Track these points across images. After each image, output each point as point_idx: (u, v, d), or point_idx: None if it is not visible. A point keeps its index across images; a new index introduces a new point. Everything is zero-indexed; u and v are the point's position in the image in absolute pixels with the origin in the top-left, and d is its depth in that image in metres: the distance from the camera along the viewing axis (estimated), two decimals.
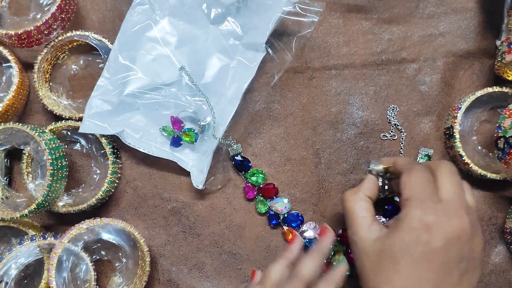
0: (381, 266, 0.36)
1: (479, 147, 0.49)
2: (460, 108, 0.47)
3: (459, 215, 0.35)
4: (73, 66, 0.53)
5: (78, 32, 0.50)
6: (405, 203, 0.37)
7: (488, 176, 0.45)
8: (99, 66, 0.52)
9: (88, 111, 0.47)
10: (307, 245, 0.47)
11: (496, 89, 0.46)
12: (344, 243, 0.47)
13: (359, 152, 0.49)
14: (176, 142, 0.48)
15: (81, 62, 0.53)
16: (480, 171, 0.45)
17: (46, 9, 0.51)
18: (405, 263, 0.35)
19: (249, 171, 0.49)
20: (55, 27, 0.48)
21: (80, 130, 0.47)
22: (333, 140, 0.50)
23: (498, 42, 0.47)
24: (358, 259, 0.38)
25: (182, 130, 0.48)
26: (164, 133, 0.48)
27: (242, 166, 0.49)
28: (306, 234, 0.48)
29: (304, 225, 0.48)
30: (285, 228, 0.48)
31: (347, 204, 0.40)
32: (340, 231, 0.47)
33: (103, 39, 0.50)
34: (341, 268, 0.40)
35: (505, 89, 0.46)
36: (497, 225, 0.48)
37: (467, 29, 0.51)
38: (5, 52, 0.50)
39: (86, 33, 0.50)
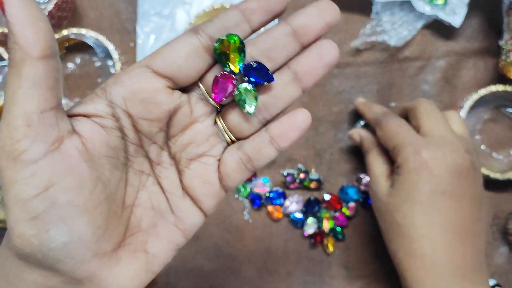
0: (394, 220, 0.36)
1: (483, 147, 0.48)
2: (463, 107, 0.46)
3: (453, 147, 0.35)
4: (69, 65, 0.52)
5: (74, 31, 0.49)
6: (394, 152, 0.37)
7: (491, 176, 0.45)
8: (96, 65, 0.52)
9: None
10: (296, 220, 0.47)
11: (500, 88, 0.46)
12: (331, 208, 0.47)
13: (361, 152, 0.49)
14: None
15: (78, 61, 0.52)
16: (483, 170, 0.45)
17: (42, 7, 0.50)
18: (415, 210, 0.34)
19: None
20: (51, 25, 0.48)
21: None
22: (335, 140, 0.49)
23: (501, 42, 0.47)
24: (377, 219, 0.39)
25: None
26: None
27: None
28: (291, 209, 0.47)
29: (287, 200, 0.48)
30: (269, 207, 0.48)
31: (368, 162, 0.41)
32: (329, 196, 0.47)
33: (100, 37, 0.49)
34: None
35: (508, 88, 0.46)
36: (499, 226, 0.47)
37: (470, 28, 0.50)
38: (1, 51, 0.49)
39: (83, 32, 0.49)
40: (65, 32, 0.49)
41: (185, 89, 0.25)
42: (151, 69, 0.23)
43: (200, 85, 0.25)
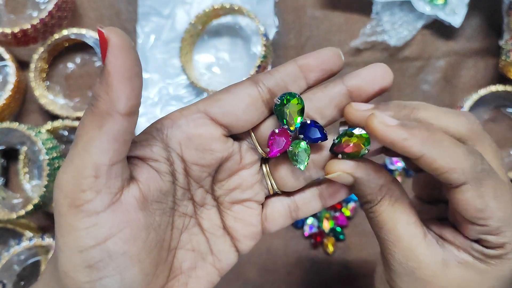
0: None
1: None
2: (463, 107, 0.46)
3: None
4: (70, 65, 0.52)
5: (74, 31, 0.49)
6: (493, 230, 0.22)
7: None
8: (96, 65, 0.52)
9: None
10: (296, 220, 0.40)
11: (500, 88, 0.46)
12: (331, 208, 0.47)
13: None
14: None
15: (78, 60, 0.52)
16: None
17: (43, 7, 0.50)
18: None
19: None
20: (51, 25, 0.48)
21: None
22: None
23: (501, 42, 0.47)
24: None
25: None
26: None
27: None
28: None
29: None
30: None
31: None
32: None
33: None
34: None
35: (508, 88, 0.46)
36: None
37: (470, 28, 0.50)
38: (1, 51, 0.49)
39: (83, 32, 0.49)
40: (65, 32, 0.49)
41: (236, 136, 0.25)
42: (209, 116, 0.23)
43: (253, 135, 0.25)
